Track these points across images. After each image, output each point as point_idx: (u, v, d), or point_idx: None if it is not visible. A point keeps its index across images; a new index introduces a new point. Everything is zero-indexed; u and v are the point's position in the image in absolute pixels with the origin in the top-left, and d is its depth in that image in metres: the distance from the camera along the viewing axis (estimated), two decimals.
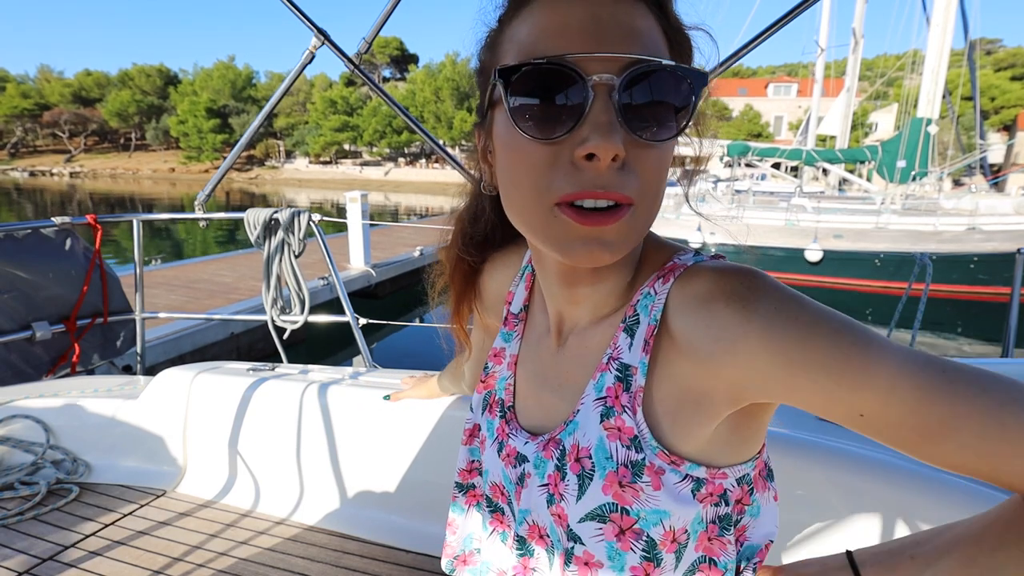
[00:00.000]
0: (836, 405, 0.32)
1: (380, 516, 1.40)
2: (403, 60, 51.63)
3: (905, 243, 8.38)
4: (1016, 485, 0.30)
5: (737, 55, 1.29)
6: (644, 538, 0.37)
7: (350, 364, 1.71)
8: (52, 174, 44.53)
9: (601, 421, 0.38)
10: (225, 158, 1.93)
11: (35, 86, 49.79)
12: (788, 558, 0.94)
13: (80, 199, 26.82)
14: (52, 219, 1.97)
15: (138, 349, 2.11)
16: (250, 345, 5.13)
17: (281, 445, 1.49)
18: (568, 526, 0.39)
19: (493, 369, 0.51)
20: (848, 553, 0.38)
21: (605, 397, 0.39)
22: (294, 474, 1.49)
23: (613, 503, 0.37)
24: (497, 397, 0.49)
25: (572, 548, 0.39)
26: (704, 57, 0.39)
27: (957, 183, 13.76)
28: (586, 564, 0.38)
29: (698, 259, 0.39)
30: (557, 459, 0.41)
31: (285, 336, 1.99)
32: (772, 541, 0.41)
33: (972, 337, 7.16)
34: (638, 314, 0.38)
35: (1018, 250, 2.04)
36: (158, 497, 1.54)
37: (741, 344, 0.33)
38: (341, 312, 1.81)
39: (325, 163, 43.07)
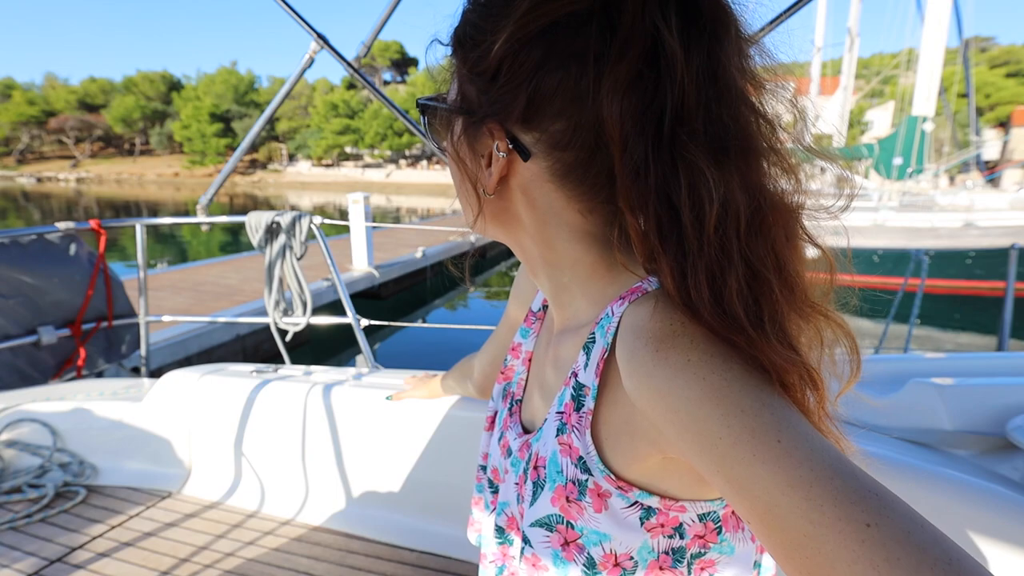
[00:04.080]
0: (724, 495, 0.29)
1: (385, 515, 1.41)
2: (403, 63, 51.74)
3: (902, 239, 8.39)
4: None
5: None
6: (586, 554, 0.37)
7: (353, 365, 1.72)
8: (58, 180, 44.69)
9: (557, 435, 0.39)
10: (228, 162, 1.95)
11: (41, 93, 50.11)
12: None
13: (86, 204, 26.91)
14: (56, 225, 1.99)
15: (142, 352, 2.13)
16: (256, 346, 5.15)
17: (285, 446, 1.50)
18: (521, 528, 0.40)
19: (511, 363, 0.53)
20: None
21: (562, 412, 0.39)
22: (299, 474, 1.50)
23: (560, 515, 0.37)
24: (511, 390, 0.52)
25: (523, 549, 0.40)
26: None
27: (953, 180, 13.75)
28: (534, 565, 0.39)
29: (654, 290, 0.35)
30: (525, 462, 0.42)
31: (288, 338, 2.01)
32: None
33: (968, 331, 7.16)
34: (595, 335, 0.38)
35: (1011, 245, 2.06)
36: (164, 499, 1.55)
37: (646, 388, 0.31)
38: (344, 313, 1.82)
39: (327, 166, 43.16)
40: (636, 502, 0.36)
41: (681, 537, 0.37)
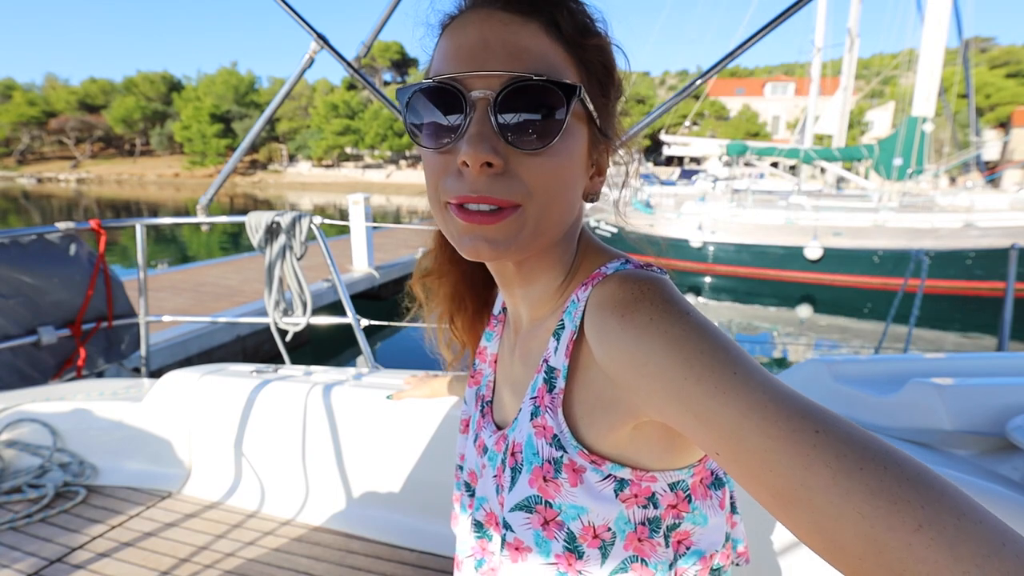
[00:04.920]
0: (694, 435, 0.31)
1: (385, 515, 1.41)
2: (404, 64, 51.76)
3: (903, 240, 8.39)
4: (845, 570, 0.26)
5: (734, 54, 1.31)
6: (566, 530, 0.39)
7: (353, 365, 1.72)
8: (59, 180, 44.68)
9: (531, 419, 0.41)
10: (229, 162, 1.95)
11: (41, 94, 50.04)
12: (787, 555, 0.95)
13: (86, 205, 26.91)
14: (56, 225, 1.99)
15: (142, 352, 2.13)
16: (256, 347, 5.14)
17: (285, 446, 1.50)
18: (501, 516, 0.42)
19: (479, 367, 0.56)
20: None
21: (536, 397, 0.41)
22: (299, 475, 1.50)
23: (538, 495, 0.40)
24: (481, 392, 0.54)
25: (505, 535, 0.41)
26: (627, 63, 0.43)
27: (953, 180, 13.76)
28: (517, 549, 0.41)
29: (621, 267, 0.41)
30: (503, 453, 0.44)
31: (288, 338, 2.01)
32: (718, 551, 0.42)
33: (969, 331, 7.16)
34: (563, 321, 0.41)
35: (1012, 246, 2.06)
36: (164, 499, 1.55)
37: (616, 351, 0.35)
38: (344, 314, 1.82)
39: (327, 166, 43.15)
40: (609, 475, 0.38)
41: (655, 507, 0.39)
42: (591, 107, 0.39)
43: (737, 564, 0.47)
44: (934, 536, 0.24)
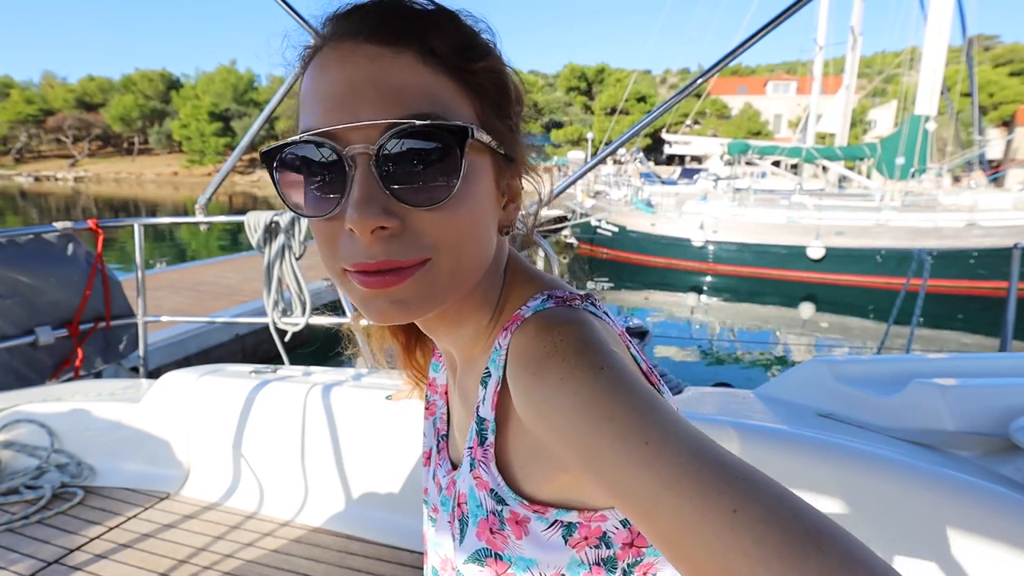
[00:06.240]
0: (613, 502, 0.30)
1: (384, 516, 1.40)
2: None
3: (906, 239, 8.38)
4: None
5: (735, 53, 1.30)
6: None
7: (352, 365, 1.71)
8: (56, 179, 44.73)
9: (471, 470, 0.39)
10: (227, 161, 1.94)
11: (39, 92, 50.11)
12: None
13: (84, 203, 26.93)
14: (54, 224, 1.98)
15: (140, 352, 2.12)
16: (255, 346, 5.14)
17: (284, 447, 1.49)
18: (456, 567, 0.40)
19: (432, 398, 0.52)
20: None
21: (471, 447, 0.39)
22: (298, 475, 1.49)
23: (487, 548, 0.38)
24: (437, 425, 0.51)
25: None
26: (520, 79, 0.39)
27: (956, 179, 13.73)
28: None
29: (540, 307, 0.37)
30: (453, 499, 0.42)
31: (287, 338, 2.00)
32: None
33: (971, 331, 7.15)
34: (489, 369, 0.38)
35: (1015, 245, 2.05)
36: (162, 500, 1.54)
37: (531, 410, 0.32)
38: (344, 313, 1.81)
39: None
40: (556, 521, 0.36)
41: (608, 546, 0.37)
42: (488, 138, 0.34)
43: None
44: None
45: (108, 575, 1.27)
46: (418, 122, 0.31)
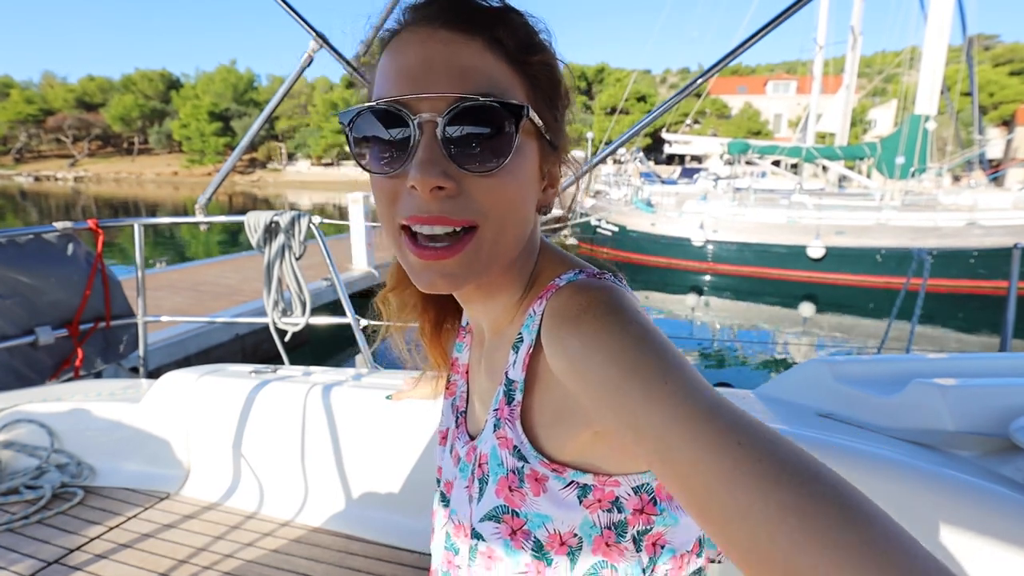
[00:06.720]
0: (631, 444, 0.32)
1: (384, 516, 1.40)
2: None
3: (906, 239, 8.37)
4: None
5: (735, 52, 1.30)
6: (532, 539, 0.40)
7: (352, 365, 1.71)
8: (56, 179, 44.72)
9: (494, 431, 0.42)
10: (227, 161, 1.94)
11: (39, 92, 50.09)
12: None
13: (84, 203, 26.92)
14: (54, 224, 1.98)
15: (140, 352, 2.12)
16: (255, 346, 5.14)
17: (284, 447, 1.49)
18: (472, 525, 0.43)
19: (454, 378, 0.56)
20: None
21: (497, 409, 0.42)
22: (298, 475, 1.49)
23: (505, 506, 0.41)
24: (456, 404, 0.54)
25: (476, 545, 0.42)
26: (571, 75, 0.43)
27: (956, 179, 13.72)
28: (489, 558, 0.42)
29: (573, 278, 0.41)
30: (472, 463, 0.45)
31: (287, 338, 2.00)
32: (689, 550, 0.42)
33: (971, 331, 7.15)
34: (521, 334, 0.42)
35: (1015, 245, 2.05)
36: (162, 500, 1.54)
37: (566, 361, 0.36)
38: (343, 313, 1.81)
39: (327, 165, 43.13)
40: (572, 482, 0.39)
41: (619, 511, 0.40)
42: (540, 122, 0.39)
43: (715, 561, 0.47)
44: (845, 559, 0.22)
45: (108, 575, 1.27)
46: (481, 98, 0.35)
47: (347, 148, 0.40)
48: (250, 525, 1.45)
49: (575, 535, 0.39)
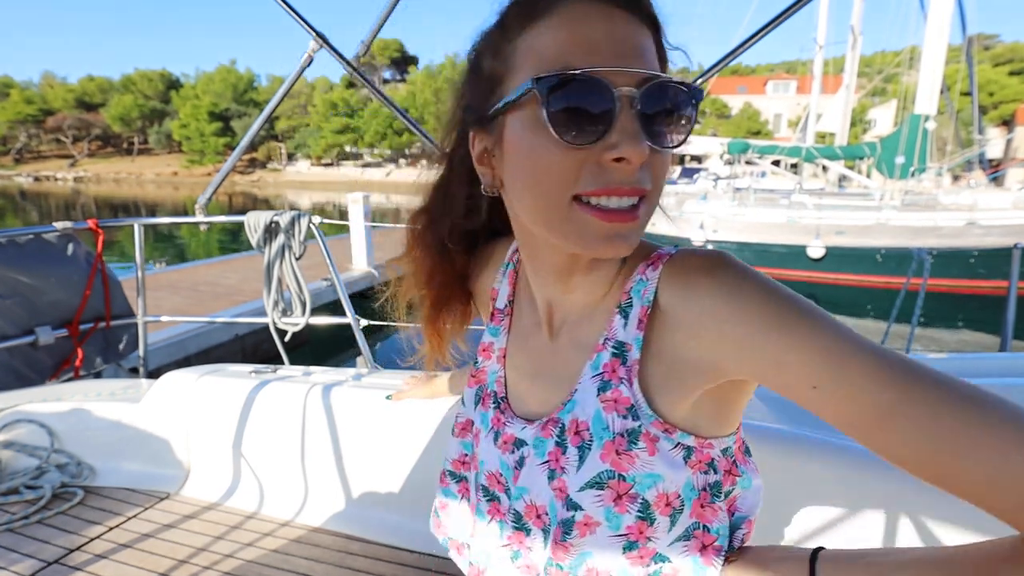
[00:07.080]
0: (788, 374, 0.35)
1: (384, 516, 1.40)
2: (403, 62, 51.68)
3: (905, 239, 8.37)
4: (962, 493, 0.31)
5: (735, 52, 1.30)
6: (639, 500, 0.40)
7: (353, 365, 1.71)
8: (56, 179, 44.70)
9: (598, 395, 0.43)
10: (227, 161, 1.94)
11: (39, 92, 50.05)
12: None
13: (84, 203, 26.91)
14: (54, 224, 1.98)
15: (140, 352, 2.12)
16: (255, 346, 5.14)
17: (284, 447, 1.49)
18: (568, 496, 0.42)
19: (483, 364, 0.54)
20: (816, 549, 0.39)
21: (602, 373, 0.43)
22: (298, 475, 1.49)
23: (611, 470, 0.41)
24: (489, 390, 0.52)
25: (573, 516, 0.41)
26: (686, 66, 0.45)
27: (956, 179, 13.72)
28: (585, 525, 0.41)
29: (672, 250, 0.44)
30: (557, 436, 0.44)
31: (287, 338, 2.00)
32: (753, 517, 0.45)
33: (972, 330, 7.15)
34: (631, 298, 0.43)
35: (1015, 245, 2.05)
36: (162, 500, 1.54)
37: (710, 308, 0.38)
38: (343, 314, 1.81)
39: (327, 165, 43.14)
40: (679, 443, 0.41)
41: (715, 472, 0.42)
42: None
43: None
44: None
45: (108, 575, 1.27)
46: (674, 78, 0.37)
47: (348, 148, 0.40)
48: (250, 525, 1.45)
49: (679, 496, 0.41)
